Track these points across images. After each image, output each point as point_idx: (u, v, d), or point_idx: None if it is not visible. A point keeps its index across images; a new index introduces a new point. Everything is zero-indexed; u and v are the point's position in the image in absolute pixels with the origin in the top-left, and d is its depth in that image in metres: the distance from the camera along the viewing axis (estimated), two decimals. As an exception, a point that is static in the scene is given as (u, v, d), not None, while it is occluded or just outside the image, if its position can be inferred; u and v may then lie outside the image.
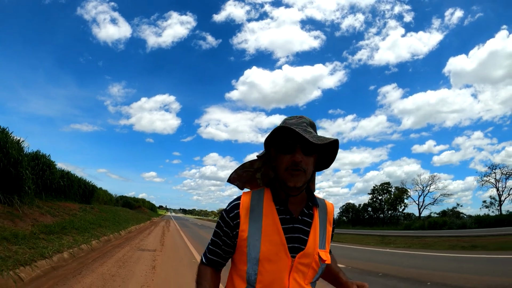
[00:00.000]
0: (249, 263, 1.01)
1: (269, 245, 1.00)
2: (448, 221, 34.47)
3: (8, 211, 7.46)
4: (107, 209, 19.75)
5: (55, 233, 7.21)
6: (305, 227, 1.06)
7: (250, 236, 1.02)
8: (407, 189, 47.91)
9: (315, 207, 1.11)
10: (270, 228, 1.02)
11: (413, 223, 39.71)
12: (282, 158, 1.03)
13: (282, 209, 1.05)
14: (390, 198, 48.57)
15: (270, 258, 0.99)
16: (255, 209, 1.05)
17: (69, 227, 8.40)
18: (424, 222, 37.12)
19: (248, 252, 1.01)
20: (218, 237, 1.09)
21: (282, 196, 1.07)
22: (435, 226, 33.75)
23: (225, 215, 1.07)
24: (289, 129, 1.00)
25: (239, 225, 1.04)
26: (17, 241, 5.58)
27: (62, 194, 14.47)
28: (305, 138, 0.98)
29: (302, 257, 1.01)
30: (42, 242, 6.02)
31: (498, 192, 38.21)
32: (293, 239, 1.02)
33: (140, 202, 51.14)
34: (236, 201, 1.08)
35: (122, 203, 36.25)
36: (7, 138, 8.88)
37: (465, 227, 31.05)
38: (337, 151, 1.10)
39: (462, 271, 6.90)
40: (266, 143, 1.07)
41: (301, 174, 1.01)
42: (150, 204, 64.58)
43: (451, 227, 31.59)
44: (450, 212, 41.44)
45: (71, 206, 13.32)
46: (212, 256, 1.10)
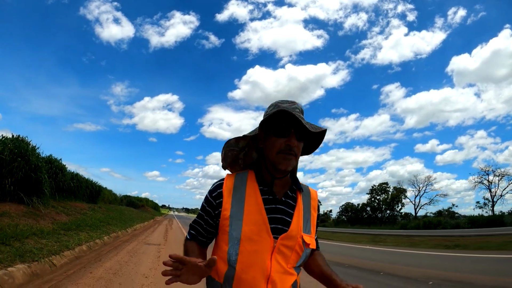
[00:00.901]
0: (230, 242, 1.00)
1: (251, 224, 0.99)
2: (443, 221, 35.30)
3: (31, 211, 8.63)
4: (113, 208, 20.94)
5: (72, 230, 8.39)
6: (288, 209, 1.06)
7: (232, 215, 1.01)
8: (404, 189, 48.83)
9: (298, 192, 1.12)
10: (252, 208, 1.02)
11: (409, 222, 40.55)
12: (275, 141, 1.03)
13: (266, 190, 1.06)
14: (387, 198, 49.43)
15: (252, 237, 0.99)
16: (238, 189, 1.05)
17: (83, 224, 9.57)
18: (419, 222, 37.86)
19: (230, 231, 1.00)
20: (201, 218, 1.11)
21: (267, 178, 1.08)
22: (430, 226, 34.43)
23: (208, 195, 1.09)
24: (287, 113, 1.00)
25: (222, 204, 1.04)
26: (43, 236, 6.75)
27: (72, 194, 15.63)
28: (299, 123, 1.00)
29: (285, 239, 1.01)
30: (64, 237, 7.19)
31: (491, 193, 38.96)
32: (276, 219, 1.02)
33: (143, 201, 52.23)
34: (220, 181, 1.09)
35: (126, 203, 37.09)
36: (27, 146, 10.07)
37: (458, 227, 31.77)
38: (322, 140, 1.13)
39: (418, 266, 8.00)
40: (261, 124, 1.07)
41: (293, 159, 1.03)
42: (153, 203, 65.67)
43: (445, 227, 32.33)
44: (446, 212, 42.25)
45: (81, 206, 14.49)
46: (196, 234, 1.13)
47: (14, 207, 8.22)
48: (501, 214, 35.04)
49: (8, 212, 7.49)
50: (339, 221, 55.63)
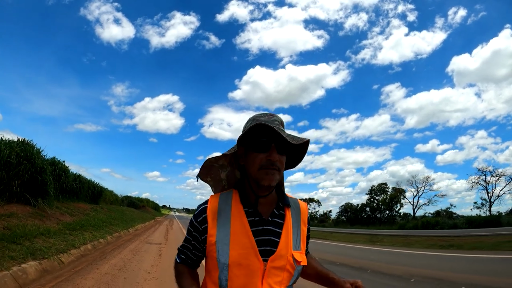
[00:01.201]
0: (219, 268, 0.96)
1: (238, 249, 0.96)
2: (440, 221, 35.59)
3: (37, 212, 9.01)
4: (115, 209, 21.33)
5: (77, 230, 8.78)
6: (276, 229, 1.01)
7: (218, 241, 0.97)
8: (403, 190, 49.17)
9: (286, 208, 1.08)
10: (238, 231, 0.98)
11: (407, 223, 40.82)
12: (255, 157, 0.99)
13: (251, 211, 1.01)
14: (386, 198, 49.79)
15: (240, 262, 0.95)
16: (223, 212, 1.01)
17: (86, 225, 9.97)
18: (418, 222, 38.12)
19: (218, 257, 0.96)
20: (188, 242, 1.07)
21: (251, 197, 1.03)
22: (428, 226, 34.65)
23: (193, 220, 1.04)
24: (266, 127, 0.96)
25: (207, 230, 1.00)
26: (51, 235, 7.13)
27: (74, 195, 16.01)
28: (280, 136, 0.96)
29: (275, 260, 0.97)
30: (70, 237, 7.58)
31: (488, 194, 39.30)
32: (264, 241, 0.98)
33: (144, 202, 52.65)
34: (204, 205, 1.04)
35: (127, 203, 37.34)
36: (33, 149, 10.47)
37: (456, 227, 32.06)
38: (306, 152, 1.08)
39: (407, 264, 8.36)
40: (239, 140, 1.01)
41: (276, 173, 0.98)
42: (154, 204, 66.15)
43: (443, 227, 32.57)
44: (444, 213, 42.57)
45: (84, 207, 14.87)
46: (187, 259, 1.10)
47: (21, 208, 8.58)
48: (498, 214, 35.31)
49: (15, 213, 7.85)
50: (339, 221, 55.95)
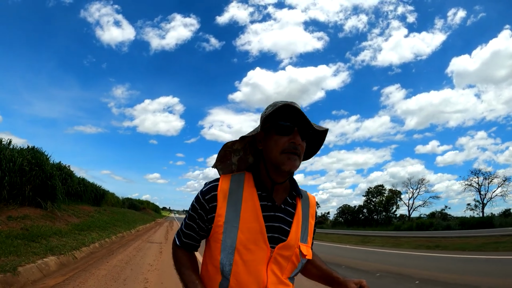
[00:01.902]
0: (224, 252, 0.92)
1: (247, 232, 0.92)
2: (435, 223, 36.40)
3: (47, 214, 9.85)
4: (117, 211, 22.17)
5: (84, 230, 9.63)
6: (287, 217, 0.98)
7: (227, 222, 0.93)
8: (399, 191, 49.98)
9: (298, 198, 1.04)
10: (249, 214, 0.93)
11: (403, 224, 41.61)
12: (278, 140, 0.95)
13: (264, 195, 0.97)
14: (382, 200, 50.60)
15: (248, 246, 0.91)
16: (234, 193, 0.96)
17: (92, 226, 10.82)
18: (412, 223, 38.89)
19: (223, 239, 0.92)
20: (193, 220, 1.00)
21: (267, 183, 0.99)
22: (422, 227, 35.36)
23: (200, 197, 0.98)
24: (291, 108, 0.93)
25: (216, 209, 0.94)
26: (63, 235, 7.98)
27: (79, 198, 16.86)
28: (303, 121, 0.95)
29: (283, 248, 0.94)
30: (79, 236, 8.43)
31: (480, 196, 40.12)
32: (274, 228, 0.95)
33: (144, 204, 53.47)
34: (214, 183, 0.99)
35: (128, 205, 38.05)
36: (42, 156, 11.33)
37: (449, 228, 32.75)
38: (323, 143, 1.07)
39: (378, 262, 9.17)
40: (263, 122, 0.98)
41: (297, 159, 0.95)
42: (154, 205, 66.95)
43: (437, 228, 33.32)
44: (439, 214, 43.35)
45: (88, 209, 15.71)
46: (187, 240, 1.04)
47: (33, 211, 9.42)
48: (491, 216, 36.05)
49: (29, 215, 8.70)
50: (336, 223, 56.77)
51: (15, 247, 5.53)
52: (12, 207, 8.81)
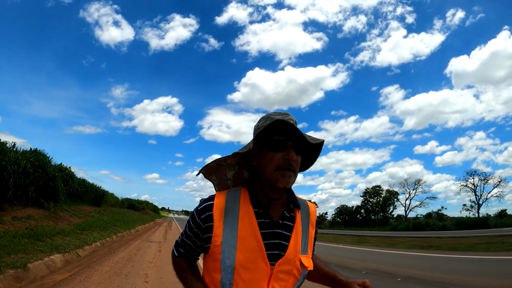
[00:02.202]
0: (223, 272, 0.91)
1: (245, 252, 0.90)
2: (431, 223, 36.83)
3: (50, 215, 10.21)
4: (116, 211, 22.52)
5: (86, 230, 9.99)
6: (285, 232, 0.97)
7: (224, 242, 0.91)
8: (396, 192, 50.38)
9: (296, 209, 1.03)
10: (246, 233, 0.92)
11: (399, 224, 41.98)
12: (271, 156, 0.93)
13: (261, 212, 0.96)
14: (379, 200, 51.01)
15: (247, 266, 0.90)
16: (230, 211, 0.95)
17: (94, 226, 11.18)
18: (409, 224, 39.29)
19: (222, 259, 0.91)
20: (189, 238, 1.01)
21: (262, 199, 0.98)
22: (419, 227, 35.71)
23: (196, 216, 0.97)
24: (283, 124, 0.92)
25: (212, 229, 0.93)
26: (66, 234, 8.34)
27: (79, 198, 17.23)
28: (297, 135, 0.93)
29: (282, 264, 0.93)
30: (81, 235, 8.79)
31: (476, 196, 40.55)
32: (273, 245, 0.93)
33: (143, 204, 53.63)
34: (209, 201, 0.97)
35: (127, 205, 38.27)
36: (45, 158, 11.70)
37: (445, 228, 33.09)
38: (319, 154, 1.05)
39: (366, 260, 9.56)
40: (255, 138, 0.97)
41: (292, 175, 0.93)
42: (153, 206, 67.06)
43: (433, 229, 33.67)
44: (435, 214, 43.77)
45: (88, 209, 16.06)
46: (185, 252, 1.05)
47: (36, 211, 9.77)
48: (486, 216, 36.49)
49: (32, 216, 9.05)
50: (334, 223, 57.15)
51: (22, 246, 5.89)
52: (17, 207, 9.16)
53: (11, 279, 4.20)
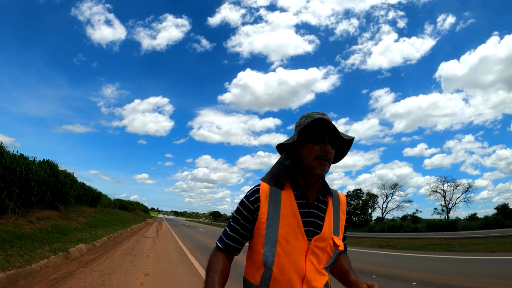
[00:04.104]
0: (267, 245, 1.09)
1: (286, 227, 1.09)
2: (404, 225, 39.78)
3: (63, 215, 12.52)
4: (112, 212, 24.69)
5: (93, 227, 12.33)
6: (320, 213, 1.16)
7: (269, 218, 1.10)
8: (376, 195, 53.35)
9: (329, 196, 1.22)
10: (288, 211, 1.11)
11: (376, 226, 44.82)
12: (311, 148, 1.13)
13: (300, 195, 1.15)
14: (359, 203, 53.91)
15: (288, 239, 1.08)
16: (274, 194, 1.14)
17: (98, 224, 13.53)
18: (385, 225, 41.99)
19: (266, 234, 1.09)
20: (237, 222, 1.17)
21: (301, 183, 1.17)
22: (393, 229, 38.47)
23: (245, 200, 1.16)
24: (323, 121, 1.11)
25: (259, 208, 1.12)
26: (80, 230, 10.69)
27: (79, 200, 19.43)
28: (333, 131, 1.12)
29: (318, 240, 1.11)
30: (92, 232, 11.16)
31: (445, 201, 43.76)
32: (309, 223, 1.12)
33: (134, 205, 55.27)
34: (256, 187, 1.18)
35: (118, 206, 39.71)
36: (56, 168, 14.01)
37: (417, 230, 35.89)
38: (349, 149, 1.25)
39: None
40: (300, 132, 1.14)
41: (327, 164, 1.13)
42: (143, 206, 68.58)
43: (406, 230, 36.51)
44: (410, 217, 46.70)
45: (88, 210, 18.27)
46: (229, 241, 1.18)
47: (52, 213, 12.06)
48: (455, 219, 39.42)
49: (50, 216, 11.35)
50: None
51: (56, 238, 8.23)
52: (37, 210, 11.44)
53: (62, 258, 6.61)
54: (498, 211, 34.26)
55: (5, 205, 9.23)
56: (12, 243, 6.10)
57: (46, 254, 6.11)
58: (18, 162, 10.55)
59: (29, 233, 7.64)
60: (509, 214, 32.43)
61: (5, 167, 9.68)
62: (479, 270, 7.54)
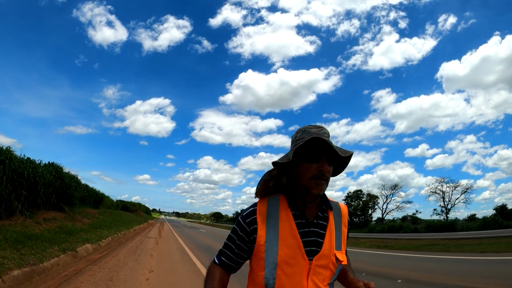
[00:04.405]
0: (267, 268, 1.06)
1: (286, 249, 1.06)
2: (404, 226, 40.03)
3: (68, 216, 12.92)
4: (114, 213, 25.13)
5: (98, 228, 12.73)
6: (320, 230, 1.11)
7: (267, 241, 1.07)
8: (376, 196, 53.64)
9: (329, 210, 1.17)
10: (286, 232, 1.08)
11: (376, 226, 45.12)
12: (308, 167, 1.09)
13: (298, 214, 1.11)
14: (359, 204, 54.22)
15: (288, 261, 1.05)
16: (271, 215, 1.11)
17: (102, 225, 13.93)
18: (385, 226, 42.23)
19: (266, 257, 1.06)
20: (232, 241, 1.15)
21: (299, 202, 1.13)
22: (393, 229, 38.70)
23: (241, 221, 1.14)
24: (319, 139, 1.07)
25: (257, 231, 1.10)
26: (85, 231, 11.08)
27: (83, 202, 19.84)
28: (330, 149, 1.08)
29: (319, 259, 1.07)
30: (96, 232, 11.56)
31: (444, 202, 44.07)
32: (310, 242, 1.08)
33: (136, 206, 55.58)
34: (253, 207, 1.15)
35: (121, 207, 39.79)
36: (61, 170, 14.42)
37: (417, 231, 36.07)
38: (348, 163, 1.19)
39: None
40: (295, 151, 1.11)
41: (324, 183, 1.09)
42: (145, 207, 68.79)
43: (406, 231, 36.74)
44: (409, 218, 46.96)
45: (91, 212, 18.66)
46: (224, 259, 1.17)
47: (57, 214, 12.45)
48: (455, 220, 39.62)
49: (56, 217, 11.74)
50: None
51: (63, 238, 8.62)
52: (43, 211, 11.84)
53: (71, 256, 7.00)
54: (496, 212, 34.45)
55: (14, 207, 9.63)
56: (24, 243, 6.49)
57: (56, 253, 6.50)
58: (26, 165, 10.94)
59: (39, 234, 8.04)
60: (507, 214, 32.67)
61: (14, 171, 10.07)
62: (467, 269, 7.91)
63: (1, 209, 9.07)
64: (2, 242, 6.01)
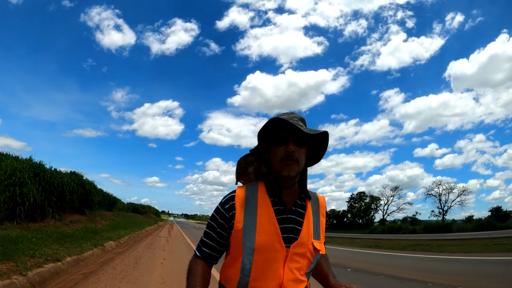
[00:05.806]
0: (244, 253, 1.05)
1: (264, 235, 1.05)
2: (403, 227, 41.30)
3: (89, 219, 14.82)
4: (127, 215, 27.13)
5: (116, 229, 14.63)
6: (298, 218, 1.11)
7: (245, 227, 1.06)
8: (378, 198, 54.96)
9: (307, 199, 1.17)
10: (264, 219, 1.07)
11: (377, 227, 46.39)
12: (275, 150, 1.09)
13: (276, 201, 1.11)
14: (362, 206, 55.54)
15: (265, 247, 1.04)
16: (249, 201, 1.10)
17: (118, 226, 15.86)
18: (385, 227, 43.51)
19: (244, 242, 1.05)
20: (213, 230, 1.14)
21: (276, 188, 1.13)
22: (393, 230, 40.08)
23: (220, 207, 1.13)
24: (282, 121, 1.06)
25: (235, 216, 1.08)
26: (106, 231, 12.96)
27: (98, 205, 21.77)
28: (297, 130, 1.06)
29: (297, 246, 1.07)
30: (116, 232, 13.45)
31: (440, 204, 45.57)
32: (287, 229, 1.07)
33: (146, 208, 57.58)
34: (231, 194, 1.14)
35: (131, 209, 41.81)
36: (82, 178, 16.40)
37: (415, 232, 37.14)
38: (327, 145, 1.18)
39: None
40: (259, 136, 1.13)
41: (294, 164, 1.07)
42: (154, 210, 70.75)
43: (405, 232, 37.93)
44: (409, 219, 48.18)
45: (107, 214, 20.57)
46: (206, 249, 1.15)
47: (80, 217, 14.33)
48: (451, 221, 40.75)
49: (79, 220, 13.63)
50: (323, 226, 61.10)
51: (90, 237, 10.48)
52: (69, 215, 13.76)
53: (100, 250, 8.86)
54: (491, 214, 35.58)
55: (46, 212, 11.56)
56: (64, 240, 8.35)
57: (90, 247, 8.35)
58: (55, 176, 12.88)
59: (71, 233, 9.92)
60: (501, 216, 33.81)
61: (47, 181, 12.02)
62: (430, 266, 8.91)
63: (37, 214, 10.99)
64: (49, 239, 7.87)
